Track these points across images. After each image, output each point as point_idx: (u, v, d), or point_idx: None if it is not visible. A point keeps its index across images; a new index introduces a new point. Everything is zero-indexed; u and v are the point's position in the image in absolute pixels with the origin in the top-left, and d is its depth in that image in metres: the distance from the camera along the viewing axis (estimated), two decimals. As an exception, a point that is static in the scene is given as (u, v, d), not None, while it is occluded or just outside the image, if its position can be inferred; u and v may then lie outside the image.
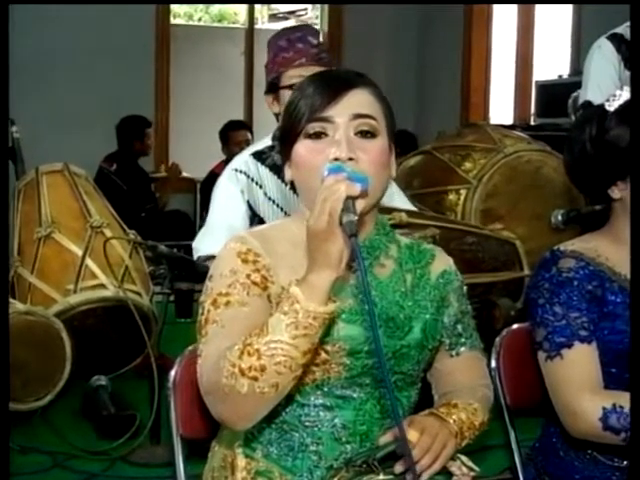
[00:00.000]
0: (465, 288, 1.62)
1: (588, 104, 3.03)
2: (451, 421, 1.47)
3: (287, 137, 1.47)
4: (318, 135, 1.42)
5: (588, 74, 3.08)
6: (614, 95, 1.62)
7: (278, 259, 1.43)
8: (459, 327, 1.57)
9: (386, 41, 7.66)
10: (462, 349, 1.58)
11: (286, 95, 2.35)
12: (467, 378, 1.58)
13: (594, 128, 1.61)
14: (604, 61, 3.02)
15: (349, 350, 1.41)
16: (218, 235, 2.34)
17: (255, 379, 1.27)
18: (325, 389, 1.43)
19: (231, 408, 1.32)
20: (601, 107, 1.64)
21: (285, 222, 1.60)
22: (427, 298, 1.52)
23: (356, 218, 1.26)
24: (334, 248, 1.26)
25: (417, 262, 1.55)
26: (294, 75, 2.38)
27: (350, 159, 1.38)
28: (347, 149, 1.39)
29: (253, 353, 1.27)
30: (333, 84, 1.44)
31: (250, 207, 2.50)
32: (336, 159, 1.38)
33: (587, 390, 1.55)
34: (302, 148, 1.44)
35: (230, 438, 1.51)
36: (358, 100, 1.44)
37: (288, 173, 1.49)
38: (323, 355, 1.39)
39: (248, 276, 1.40)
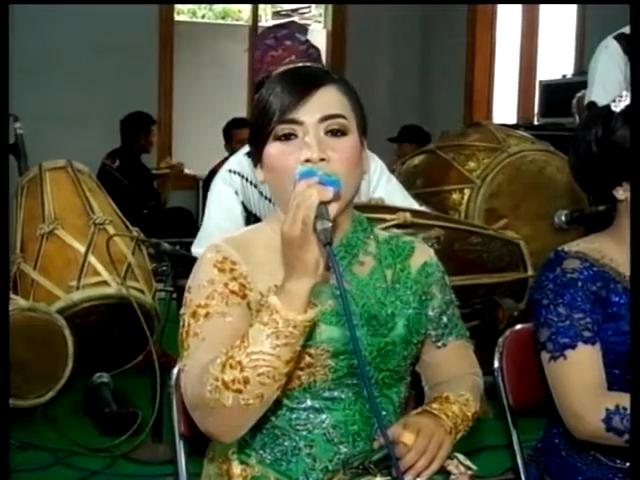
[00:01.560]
0: (447, 278, 1.60)
1: (592, 104, 3.03)
2: (445, 417, 1.47)
3: (257, 139, 1.44)
4: (288, 137, 1.40)
5: (594, 73, 3.08)
6: (620, 96, 1.61)
7: (255, 266, 1.42)
8: (444, 318, 1.57)
9: (390, 40, 7.65)
10: (449, 339, 1.57)
11: None
12: (456, 368, 1.58)
13: (600, 129, 1.60)
14: (610, 61, 3.02)
15: (333, 352, 1.40)
16: (214, 239, 2.34)
17: (239, 392, 1.26)
18: (313, 392, 1.43)
19: (218, 422, 1.31)
20: (607, 108, 1.63)
21: (261, 226, 1.57)
22: (409, 292, 1.51)
23: (330, 225, 1.23)
24: (310, 256, 1.23)
25: (396, 257, 1.54)
26: None
27: (322, 159, 1.37)
28: (318, 150, 1.37)
29: (235, 366, 1.25)
30: (301, 83, 1.42)
31: (245, 207, 2.49)
32: (307, 160, 1.36)
33: (590, 391, 1.55)
34: (272, 150, 1.42)
35: (224, 446, 1.50)
36: (327, 99, 1.41)
37: (260, 175, 1.48)
38: (307, 359, 1.39)
39: (226, 285, 1.39)
